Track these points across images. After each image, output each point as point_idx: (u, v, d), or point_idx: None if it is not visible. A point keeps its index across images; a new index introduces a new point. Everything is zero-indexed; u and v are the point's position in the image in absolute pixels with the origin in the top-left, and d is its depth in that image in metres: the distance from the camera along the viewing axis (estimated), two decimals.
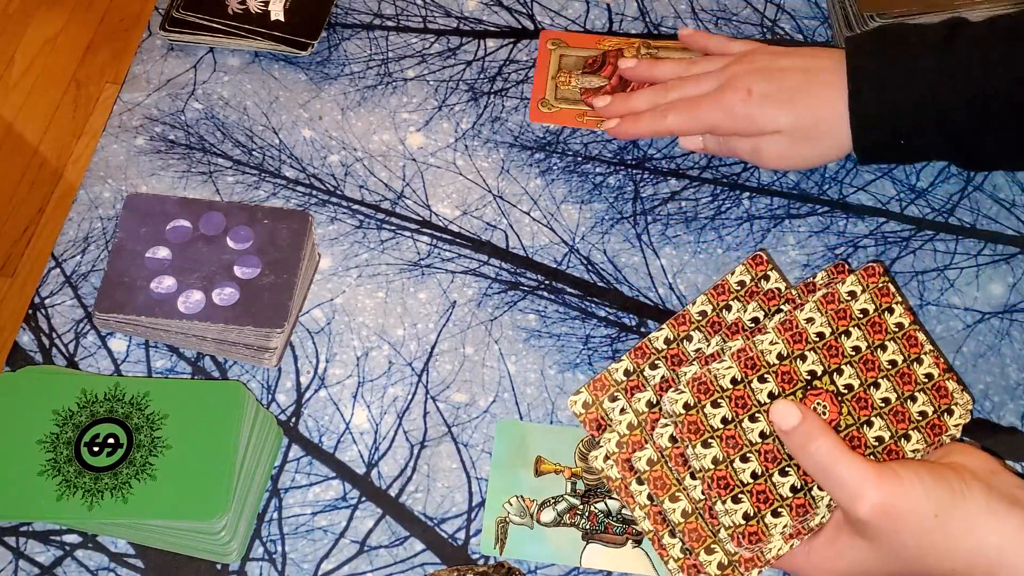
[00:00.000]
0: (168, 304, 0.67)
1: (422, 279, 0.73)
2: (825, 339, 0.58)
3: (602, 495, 0.65)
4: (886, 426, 0.58)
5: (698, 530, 0.58)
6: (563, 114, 0.80)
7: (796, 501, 0.57)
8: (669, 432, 0.57)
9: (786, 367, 0.57)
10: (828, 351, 0.58)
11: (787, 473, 0.57)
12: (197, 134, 0.79)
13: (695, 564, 0.59)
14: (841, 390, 0.58)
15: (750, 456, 0.56)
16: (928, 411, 0.59)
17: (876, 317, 0.60)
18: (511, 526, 0.64)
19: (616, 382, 0.61)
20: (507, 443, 0.66)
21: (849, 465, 0.53)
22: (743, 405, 0.57)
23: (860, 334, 0.59)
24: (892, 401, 0.59)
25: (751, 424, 0.57)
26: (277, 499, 0.65)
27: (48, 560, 0.63)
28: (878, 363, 0.59)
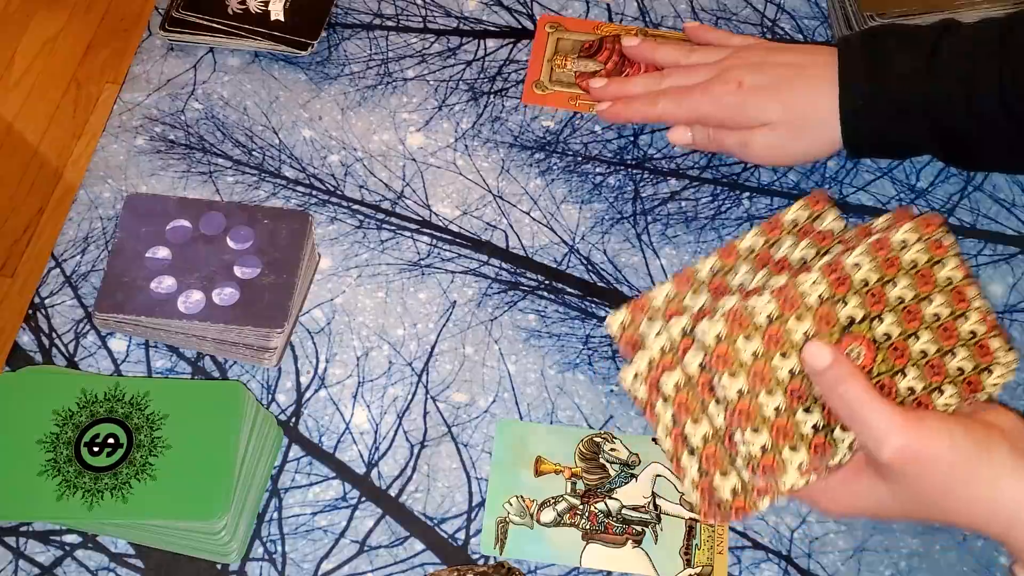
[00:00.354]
0: (168, 304, 0.67)
1: (422, 279, 0.73)
2: (870, 285, 0.57)
3: (602, 495, 0.65)
4: (920, 377, 0.58)
5: (716, 455, 0.58)
6: (556, 96, 0.81)
7: (816, 440, 0.57)
8: (699, 359, 0.57)
9: (826, 309, 0.56)
10: (871, 297, 0.57)
11: (811, 412, 0.57)
12: (197, 134, 0.79)
13: (710, 488, 0.59)
14: (879, 337, 0.57)
15: (775, 391, 0.56)
16: (967, 367, 0.59)
17: (926, 268, 0.58)
18: (511, 526, 0.64)
19: (655, 307, 0.60)
20: (507, 443, 0.66)
21: (877, 409, 0.54)
22: (776, 342, 0.56)
23: (907, 283, 0.58)
24: (930, 354, 0.58)
25: (781, 361, 0.56)
26: (277, 499, 0.65)
27: (48, 560, 0.63)
28: (921, 315, 0.58)
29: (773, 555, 0.64)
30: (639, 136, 0.79)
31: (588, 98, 0.80)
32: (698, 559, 0.63)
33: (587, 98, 0.80)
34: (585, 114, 0.80)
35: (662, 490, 0.65)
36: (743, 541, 0.64)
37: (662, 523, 0.64)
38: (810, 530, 0.64)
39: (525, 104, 0.81)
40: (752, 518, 0.58)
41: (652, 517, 0.64)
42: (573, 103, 0.80)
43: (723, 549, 0.63)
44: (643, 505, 0.65)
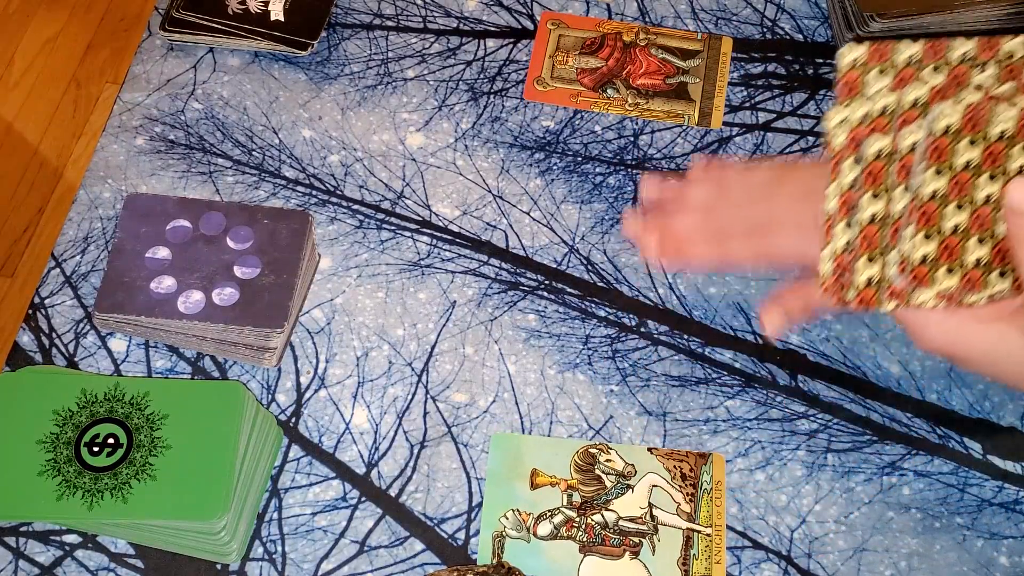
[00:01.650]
0: (168, 304, 0.67)
1: (422, 279, 0.73)
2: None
3: (598, 507, 0.65)
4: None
5: (875, 238, 0.56)
6: (557, 93, 0.81)
7: (973, 273, 0.54)
8: (915, 139, 0.54)
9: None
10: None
11: (983, 243, 0.54)
12: (197, 134, 0.79)
13: (848, 265, 0.56)
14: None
15: (965, 209, 0.54)
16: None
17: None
18: (508, 540, 0.63)
19: (896, 61, 0.56)
20: (502, 456, 0.66)
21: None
22: (994, 161, 0.53)
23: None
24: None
25: (986, 182, 0.53)
26: (277, 499, 0.65)
27: (48, 560, 0.63)
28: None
29: (773, 555, 0.64)
30: (639, 136, 0.79)
31: (589, 95, 0.80)
32: (696, 569, 0.63)
33: (588, 95, 0.80)
34: (585, 114, 0.80)
35: (659, 501, 0.65)
36: (743, 541, 0.64)
37: (659, 534, 0.64)
38: (810, 530, 0.64)
39: (526, 100, 0.81)
40: (871, 309, 0.55)
41: (649, 528, 0.64)
42: (574, 100, 0.81)
43: (721, 559, 0.63)
44: (640, 516, 0.64)
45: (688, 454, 0.66)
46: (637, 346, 0.71)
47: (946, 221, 0.54)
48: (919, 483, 0.66)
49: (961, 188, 0.54)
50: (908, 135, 0.55)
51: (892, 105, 0.56)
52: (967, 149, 0.53)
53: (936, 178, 0.54)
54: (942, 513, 0.65)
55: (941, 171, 0.54)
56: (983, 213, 0.54)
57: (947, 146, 0.53)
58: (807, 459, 0.67)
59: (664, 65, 0.82)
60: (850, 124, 0.56)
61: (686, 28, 0.85)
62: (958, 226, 0.54)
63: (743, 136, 0.79)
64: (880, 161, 0.55)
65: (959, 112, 0.53)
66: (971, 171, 0.54)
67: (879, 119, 0.56)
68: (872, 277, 0.56)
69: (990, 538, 0.64)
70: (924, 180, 0.54)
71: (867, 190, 0.56)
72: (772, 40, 0.84)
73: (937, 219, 0.54)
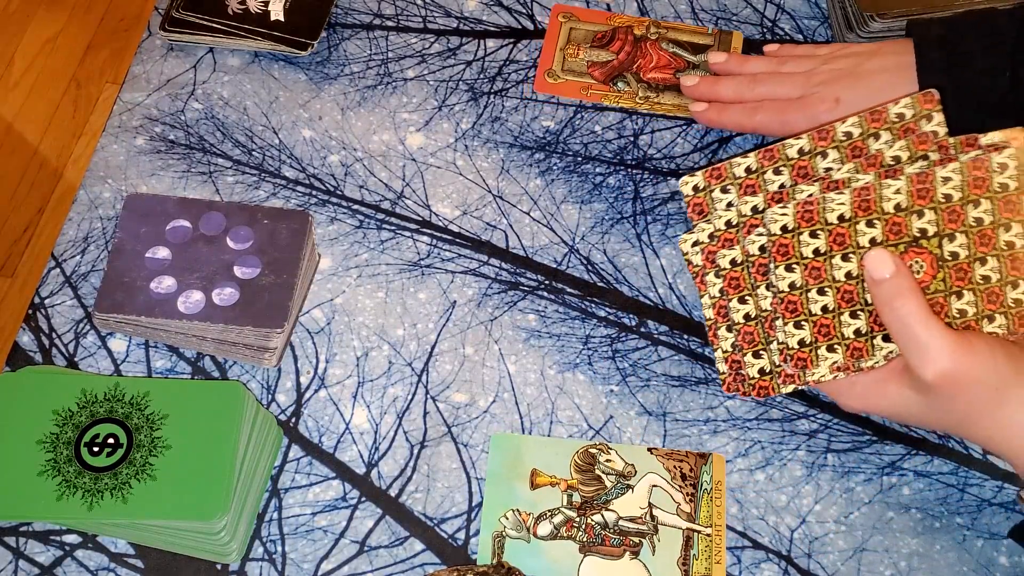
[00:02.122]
0: (168, 304, 0.67)
1: (422, 279, 0.73)
2: (951, 203, 0.56)
3: (598, 507, 0.65)
4: (975, 302, 0.57)
5: (754, 335, 0.59)
6: (568, 86, 0.81)
7: (855, 344, 0.57)
8: (761, 243, 0.57)
9: (900, 218, 0.56)
10: (949, 214, 0.56)
11: (857, 316, 0.57)
12: (197, 134, 0.79)
13: (739, 361, 0.60)
14: (945, 256, 0.57)
15: (828, 291, 0.56)
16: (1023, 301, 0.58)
17: (1015, 196, 0.57)
18: (508, 540, 0.63)
19: (734, 176, 0.59)
20: (502, 456, 0.66)
21: (929, 328, 0.54)
22: (841, 243, 0.56)
23: (989, 207, 0.57)
24: (992, 281, 0.57)
25: (841, 263, 0.56)
26: (277, 499, 0.65)
27: (48, 560, 0.63)
28: (994, 241, 0.57)
29: (773, 555, 0.64)
30: (639, 136, 0.79)
31: (599, 88, 0.81)
32: (696, 569, 0.63)
33: (598, 88, 0.81)
34: (585, 114, 0.80)
35: (659, 501, 0.65)
36: (743, 541, 0.64)
37: (659, 534, 0.64)
38: (810, 530, 0.64)
39: (536, 92, 0.81)
40: (776, 395, 0.59)
41: (649, 528, 0.64)
42: (585, 92, 0.81)
43: (721, 559, 0.63)
44: (640, 516, 0.64)
45: (688, 454, 0.66)
46: (637, 346, 0.71)
47: (813, 305, 0.57)
48: (919, 483, 0.66)
49: (818, 274, 0.57)
50: (755, 240, 0.58)
51: (735, 218, 0.60)
52: (811, 241, 0.56)
53: (789, 273, 0.57)
54: (942, 513, 0.65)
55: (791, 266, 0.57)
56: (848, 289, 0.57)
57: (790, 242, 0.56)
58: (807, 459, 0.67)
59: (675, 59, 0.83)
60: (702, 244, 0.60)
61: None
62: (826, 307, 0.57)
63: (743, 136, 0.79)
64: (736, 269, 0.59)
65: (790, 211, 0.56)
66: (822, 257, 0.57)
67: (726, 233, 0.60)
68: (763, 368, 0.61)
69: (990, 538, 0.64)
70: (778, 276, 0.57)
71: (732, 296, 0.60)
72: (772, 40, 0.84)
73: (803, 307, 0.57)
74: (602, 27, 0.84)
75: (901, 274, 0.55)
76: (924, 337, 0.54)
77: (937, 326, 0.54)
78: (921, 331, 0.54)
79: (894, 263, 0.55)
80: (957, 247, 0.57)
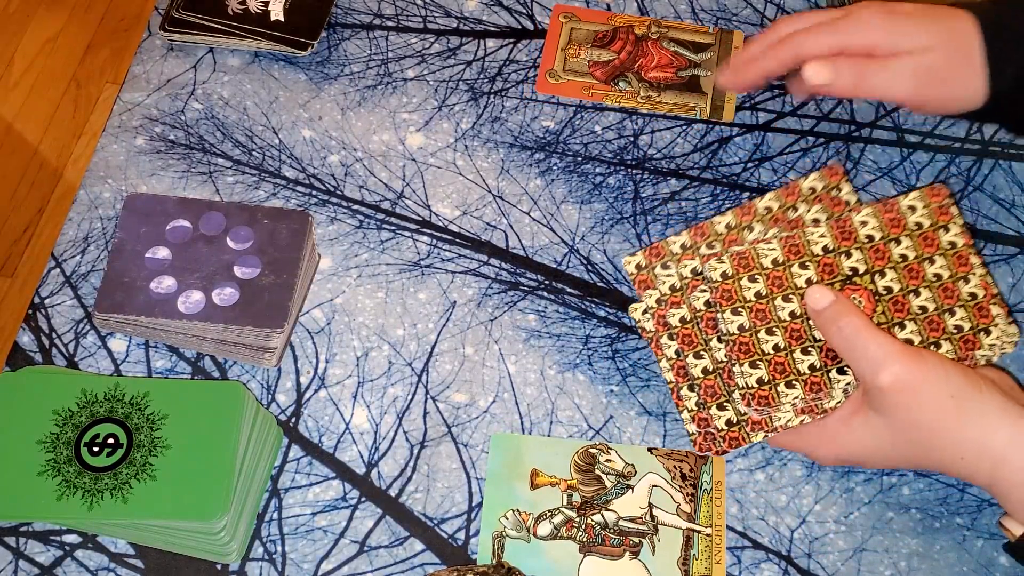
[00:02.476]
0: (168, 304, 0.67)
1: (422, 279, 0.73)
2: (874, 242, 0.60)
3: (598, 507, 0.65)
4: (918, 331, 0.60)
5: (715, 387, 0.62)
6: (570, 86, 0.81)
7: (812, 378, 0.59)
8: (705, 298, 0.61)
9: (829, 259, 0.59)
10: (875, 253, 0.60)
11: (809, 352, 0.59)
12: (197, 134, 0.79)
13: (706, 417, 0.62)
14: (880, 291, 0.60)
15: (776, 330, 0.59)
16: (964, 326, 0.61)
17: (930, 232, 0.61)
18: (508, 540, 0.63)
19: (671, 252, 0.63)
20: (502, 457, 0.66)
21: (875, 339, 0.56)
22: (779, 285, 0.59)
23: (910, 244, 0.61)
24: (929, 310, 0.60)
25: (783, 303, 0.59)
26: (277, 499, 0.65)
27: (48, 560, 0.63)
28: (923, 273, 0.61)
29: (773, 555, 0.64)
30: (639, 136, 0.79)
31: (601, 88, 0.81)
32: (696, 569, 0.63)
33: (600, 87, 0.81)
34: (585, 114, 0.80)
35: (659, 501, 0.65)
36: (743, 541, 0.64)
37: (659, 534, 0.64)
38: (810, 530, 0.64)
39: (538, 92, 0.81)
40: (744, 448, 0.62)
41: (649, 528, 0.64)
42: (587, 92, 0.81)
43: (721, 559, 0.63)
44: (640, 516, 0.64)
45: (688, 454, 0.66)
46: (637, 346, 0.71)
47: (764, 345, 0.60)
48: (919, 483, 0.66)
49: (763, 315, 0.60)
50: (699, 296, 0.62)
51: (676, 281, 0.63)
52: (751, 285, 0.59)
53: (736, 316, 0.60)
54: (942, 513, 0.65)
55: (738, 310, 0.60)
56: (795, 328, 0.60)
57: (732, 287, 0.59)
58: (807, 459, 0.67)
59: (676, 58, 0.83)
60: (652, 310, 0.64)
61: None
62: (777, 345, 0.60)
63: (743, 136, 0.79)
64: (686, 327, 0.62)
65: (727, 261, 0.60)
66: (765, 299, 0.60)
67: (672, 296, 0.63)
68: (730, 419, 0.62)
69: (990, 538, 0.64)
70: (726, 320, 0.60)
71: (688, 352, 0.63)
72: None
73: (755, 347, 0.60)
74: (603, 27, 0.84)
75: (840, 300, 0.57)
76: (873, 347, 0.56)
77: (885, 337, 0.56)
78: (867, 341, 0.56)
79: (832, 293, 0.57)
80: (889, 282, 0.60)
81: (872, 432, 0.58)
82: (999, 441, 0.55)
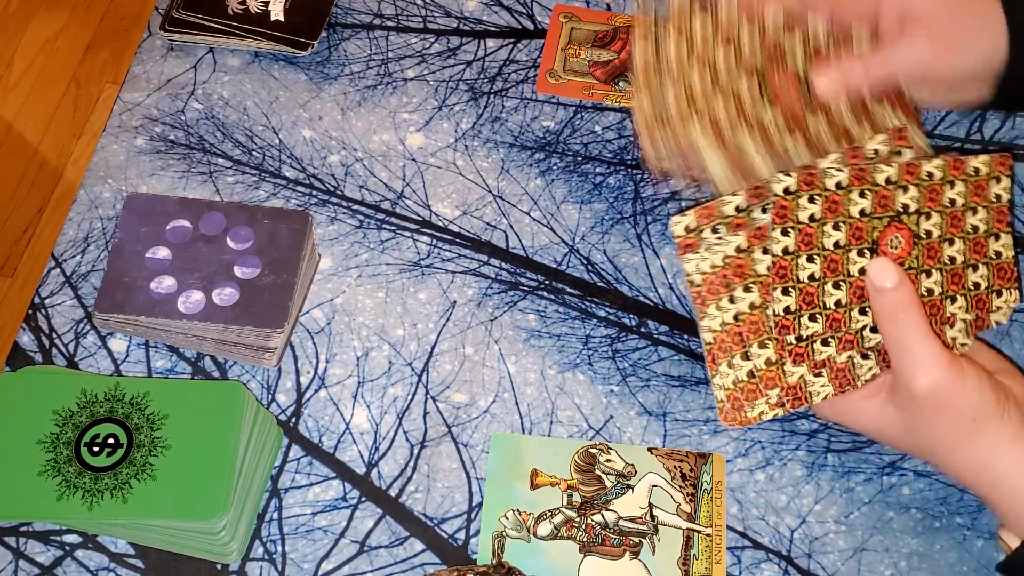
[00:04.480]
0: (168, 304, 0.67)
1: (422, 279, 0.73)
2: (933, 180, 0.59)
3: (598, 507, 0.65)
4: (941, 283, 0.59)
5: (759, 324, 0.59)
6: (570, 86, 0.81)
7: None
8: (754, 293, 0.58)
9: (888, 192, 0.58)
10: (930, 192, 0.59)
11: (829, 345, 0.58)
12: (197, 134, 0.79)
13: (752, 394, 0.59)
14: (921, 233, 0.59)
15: (816, 258, 0.58)
16: (982, 284, 0.61)
17: (983, 181, 0.61)
18: (508, 540, 0.63)
19: (723, 215, 0.59)
20: (502, 456, 0.66)
21: (929, 342, 0.55)
22: (835, 269, 0.57)
23: (963, 190, 0.60)
24: (957, 262, 0.60)
25: (832, 231, 0.57)
26: (277, 499, 0.65)
27: (48, 560, 0.63)
28: (963, 223, 0.60)
29: (773, 555, 0.64)
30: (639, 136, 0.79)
31: (601, 88, 0.81)
32: (696, 569, 0.63)
33: (600, 87, 0.81)
34: (585, 114, 0.80)
35: (659, 501, 0.65)
36: (743, 541, 0.64)
37: (659, 534, 0.64)
38: (810, 530, 0.64)
39: (539, 93, 0.81)
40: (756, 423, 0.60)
41: (649, 528, 0.64)
42: (587, 92, 0.81)
43: (721, 559, 0.63)
44: (640, 516, 0.64)
45: (688, 454, 0.66)
46: (637, 346, 0.71)
47: (803, 328, 0.58)
48: (919, 483, 0.66)
49: (810, 300, 0.58)
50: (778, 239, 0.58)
51: (726, 255, 0.59)
52: (807, 265, 0.57)
53: (784, 236, 0.57)
54: (942, 513, 0.65)
55: (788, 290, 0.57)
56: (834, 258, 0.58)
57: (789, 265, 0.57)
58: (807, 459, 0.67)
59: None
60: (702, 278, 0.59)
61: None
62: (813, 275, 0.58)
63: None
64: (755, 313, 0.59)
65: (792, 237, 0.57)
66: (816, 224, 0.58)
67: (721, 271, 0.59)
68: (769, 359, 0.59)
69: (990, 538, 0.64)
70: (776, 298, 0.57)
71: (751, 342, 0.59)
72: None
73: (796, 328, 0.58)
74: (603, 27, 0.84)
75: (903, 285, 0.55)
76: (923, 350, 0.55)
77: (937, 342, 0.55)
78: (918, 341, 0.55)
79: (896, 273, 0.55)
80: (932, 225, 0.59)
81: (885, 420, 0.58)
82: (998, 468, 0.55)
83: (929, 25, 0.62)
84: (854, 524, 0.65)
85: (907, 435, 0.58)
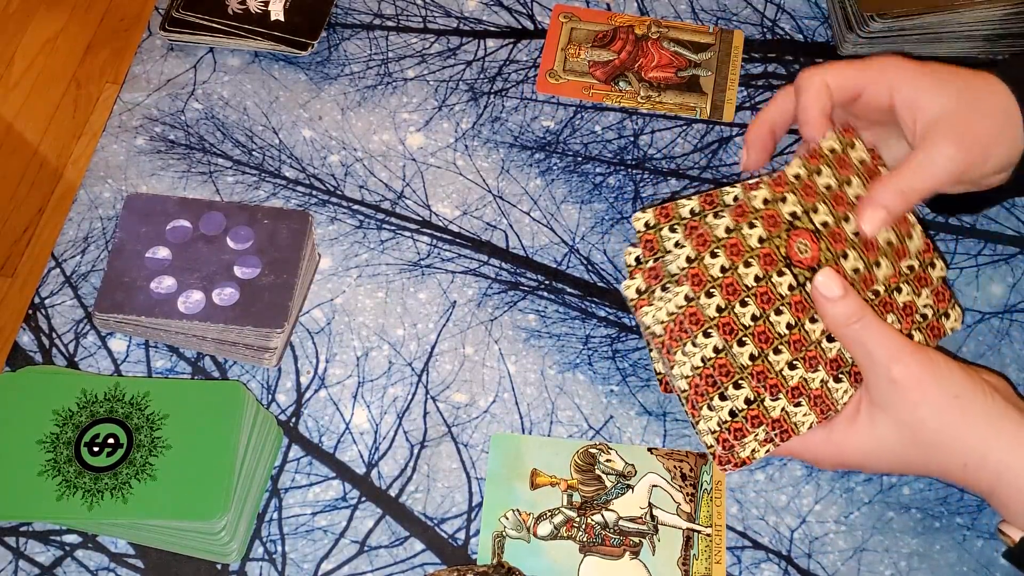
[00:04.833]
0: (168, 304, 0.67)
1: (422, 279, 0.73)
2: (801, 180, 0.60)
3: (598, 507, 0.65)
4: (859, 256, 0.60)
5: (727, 366, 0.60)
6: (570, 86, 0.81)
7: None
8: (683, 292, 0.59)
9: (771, 211, 0.59)
10: (804, 190, 0.60)
11: (780, 352, 0.59)
12: (197, 134, 0.79)
13: (737, 434, 0.60)
14: (818, 228, 0.60)
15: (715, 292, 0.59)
16: (892, 239, 0.61)
17: (841, 154, 0.62)
18: (508, 540, 0.63)
19: (679, 216, 0.61)
20: (502, 456, 0.66)
21: (887, 333, 0.57)
22: (736, 252, 0.58)
23: (829, 172, 0.61)
24: (860, 236, 0.61)
25: (745, 269, 0.59)
26: (277, 499, 0.65)
27: (48, 560, 0.63)
28: (845, 198, 0.61)
29: (773, 555, 0.64)
30: (639, 136, 0.79)
31: (601, 88, 0.81)
32: (696, 569, 0.63)
33: (600, 87, 0.81)
34: (585, 114, 0.80)
35: (659, 501, 0.65)
36: (743, 541, 0.64)
37: (659, 534, 0.64)
38: (810, 530, 0.64)
39: (539, 93, 0.81)
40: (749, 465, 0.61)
41: (649, 528, 0.64)
42: (587, 92, 0.81)
43: (721, 559, 0.63)
44: (640, 516, 0.64)
45: (688, 454, 0.66)
46: (637, 346, 0.71)
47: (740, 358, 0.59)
48: (919, 483, 0.66)
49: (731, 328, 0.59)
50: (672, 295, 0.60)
51: (677, 267, 0.60)
52: (743, 310, 0.59)
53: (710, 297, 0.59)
54: (942, 513, 0.65)
55: (743, 340, 0.59)
56: (762, 292, 0.59)
57: (730, 319, 0.59)
58: None
59: (676, 58, 0.83)
60: (661, 322, 0.60)
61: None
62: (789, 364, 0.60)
63: (743, 136, 0.79)
64: (721, 357, 0.60)
65: (718, 295, 0.59)
66: (729, 271, 0.59)
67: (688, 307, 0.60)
68: (748, 397, 0.60)
69: (990, 538, 0.64)
70: (737, 353, 0.59)
71: (725, 384, 0.60)
72: (772, 40, 0.84)
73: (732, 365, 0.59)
74: (603, 27, 0.84)
75: (851, 292, 0.57)
76: (888, 341, 0.57)
77: (897, 333, 0.57)
78: (884, 336, 0.57)
79: (840, 285, 0.57)
80: (823, 216, 0.60)
81: (876, 433, 0.58)
82: (1001, 447, 0.56)
83: (951, 129, 0.60)
84: (854, 524, 0.65)
85: (904, 439, 0.57)
